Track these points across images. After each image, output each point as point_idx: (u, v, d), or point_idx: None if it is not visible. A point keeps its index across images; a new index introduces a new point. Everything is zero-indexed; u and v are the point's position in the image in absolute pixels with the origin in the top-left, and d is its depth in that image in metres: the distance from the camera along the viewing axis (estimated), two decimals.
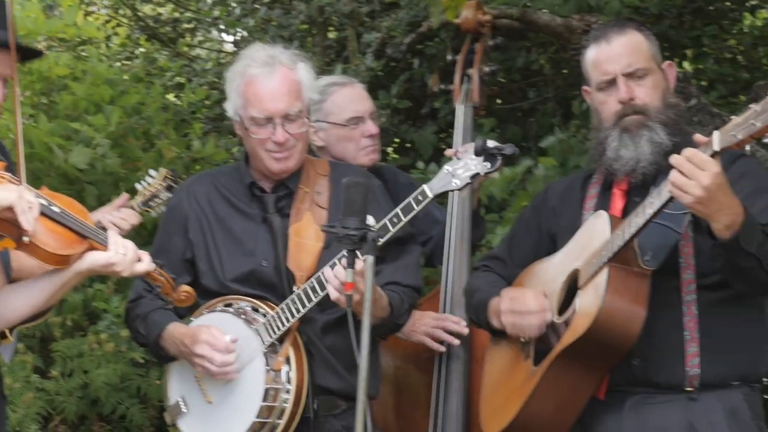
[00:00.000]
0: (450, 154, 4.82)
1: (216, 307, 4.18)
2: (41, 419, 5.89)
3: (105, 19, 9.47)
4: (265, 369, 4.04)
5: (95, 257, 3.69)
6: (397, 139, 7.96)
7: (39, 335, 6.22)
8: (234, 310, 4.14)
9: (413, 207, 3.90)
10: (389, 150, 7.99)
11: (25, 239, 3.49)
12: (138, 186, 4.75)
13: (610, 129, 3.87)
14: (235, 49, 9.13)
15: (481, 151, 3.84)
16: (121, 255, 3.71)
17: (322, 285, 3.97)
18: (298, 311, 4.02)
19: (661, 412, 3.74)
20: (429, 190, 3.90)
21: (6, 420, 3.90)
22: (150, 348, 4.31)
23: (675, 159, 3.42)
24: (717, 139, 3.35)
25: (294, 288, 4.08)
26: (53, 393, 5.95)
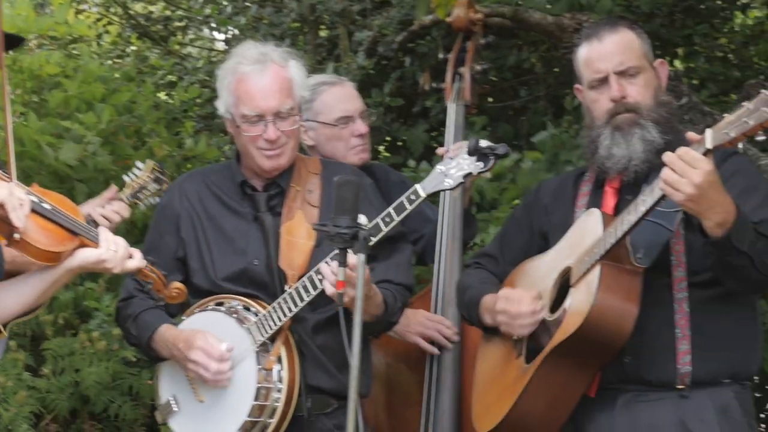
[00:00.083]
0: (441, 152, 4.82)
1: (208, 306, 4.18)
2: (33, 417, 5.87)
3: (96, 17, 9.45)
4: (257, 368, 4.03)
5: (86, 254, 3.68)
6: (389, 138, 7.95)
7: (30, 333, 6.20)
8: (225, 309, 4.13)
9: (405, 206, 3.89)
10: (380, 148, 7.99)
11: (16, 236, 3.49)
12: (126, 178, 4.73)
13: (602, 127, 3.86)
14: (227, 48, 9.13)
15: (474, 151, 3.83)
16: (113, 252, 3.70)
17: (314, 284, 3.97)
18: (289, 310, 4.01)
19: (653, 409, 3.74)
20: (422, 189, 3.89)
21: None
22: (141, 348, 4.30)
23: (667, 157, 3.43)
24: (709, 137, 3.35)
25: (286, 287, 4.07)
26: (44, 391, 5.93)
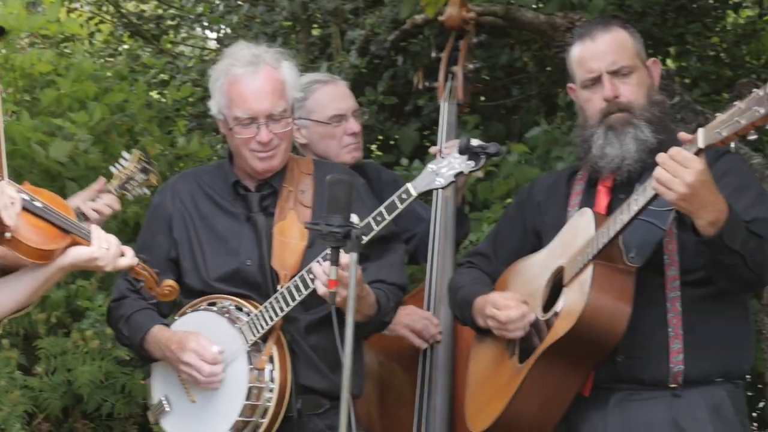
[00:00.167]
0: (433, 151, 4.82)
1: (200, 306, 4.16)
2: (25, 416, 5.87)
3: (88, 16, 9.44)
4: (249, 368, 4.02)
5: (78, 252, 3.68)
6: (381, 137, 7.96)
7: (23, 332, 6.19)
8: (218, 308, 4.12)
9: (397, 205, 3.88)
10: (373, 147, 7.99)
11: (8, 235, 3.48)
12: (113, 169, 4.72)
13: (595, 127, 3.86)
14: (219, 46, 9.12)
15: (465, 150, 3.83)
16: (104, 249, 3.70)
17: (305, 283, 3.96)
18: (281, 310, 4.00)
19: (646, 408, 3.74)
20: (413, 188, 3.89)
21: None
22: (133, 349, 4.30)
23: (660, 156, 3.43)
24: (702, 137, 3.35)
25: (278, 287, 4.06)
26: (37, 390, 5.93)
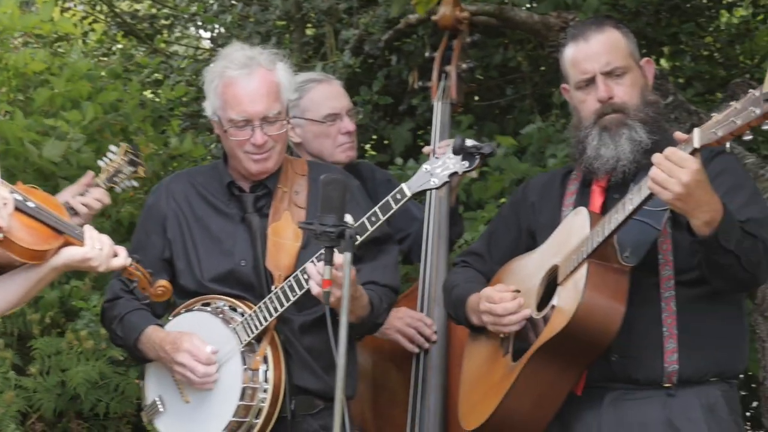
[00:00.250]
0: (427, 151, 4.82)
1: (194, 307, 4.16)
2: (19, 416, 5.86)
3: (81, 15, 9.43)
4: (243, 368, 4.02)
5: (71, 252, 3.67)
6: (375, 136, 7.95)
7: (17, 332, 6.18)
8: (212, 309, 4.12)
9: (391, 206, 3.88)
10: (367, 147, 7.99)
11: (0, 235, 3.47)
12: (100, 163, 4.71)
13: (589, 128, 3.86)
14: (213, 46, 9.11)
15: (460, 150, 3.83)
16: (98, 250, 3.70)
17: (300, 284, 3.96)
18: (276, 310, 4.00)
19: (640, 408, 3.74)
20: (407, 188, 3.89)
21: None
22: (127, 350, 4.29)
23: (655, 157, 3.43)
24: (697, 137, 3.35)
25: (272, 287, 4.06)
26: (31, 390, 5.92)
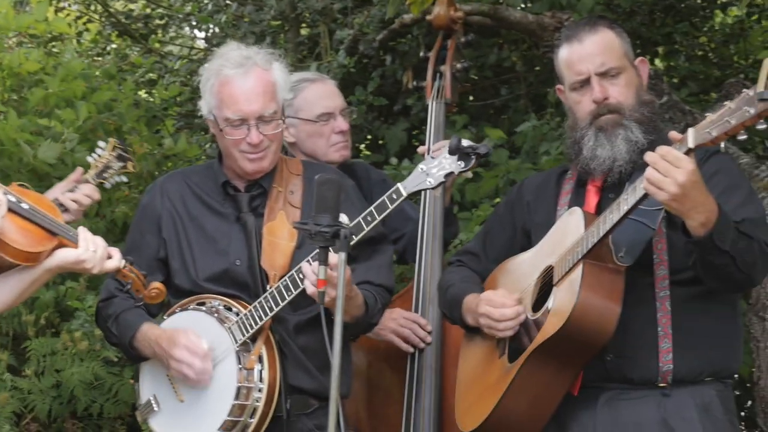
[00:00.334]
0: (422, 151, 4.82)
1: (188, 306, 4.16)
2: (14, 416, 5.85)
3: (76, 15, 9.42)
4: (238, 367, 4.02)
5: (65, 254, 3.67)
6: (370, 136, 7.95)
7: (12, 333, 6.18)
8: (206, 308, 4.12)
9: (387, 206, 3.88)
10: (361, 147, 7.99)
11: None
12: (89, 159, 4.70)
13: (585, 128, 3.86)
14: (207, 45, 9.11)
15: (456, 150, 3.82)
16: (91, 252, 3.69)
17: (295, 283, 3.96)
18: (271, 309, 4.00)
19: (635, 407, 3.74)
20: (403, 188, 3.89)
21: None
22: (123, 349, 4.28)
23: (650, 156, 3.43)
24: (692, 137, 3.35)
25: (267, 287, 4.06)
26: (26, 392, 5.91)
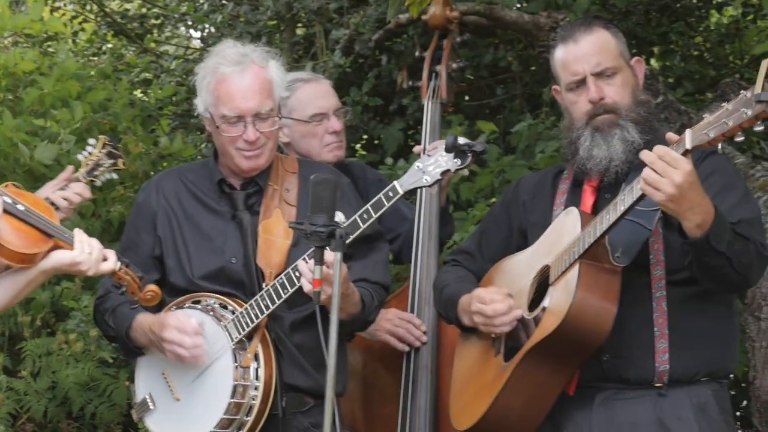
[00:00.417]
0: (418, 150, 4.82)
1: (184, 304, 4.16)
2: (10, 418, 5.85)
3: (71, 15, 9.42)
4: (234, 365, 4.02)
5: (60, 256, 3.67)
6: (365, 136, 7.95)
7: (8, 334, 6.17)
8: (202, 306, 4.12)
9: (384, 203, 3.89)
10: (357, 147, 7.99)
11: None
12: (79, 157, 4.70)
13: (581, 129, 3.86)
14: (203, 45, 9.11)
15: (452, 148, 3.83)
16: (87, 254, 3.69)
17: (291, 281, 3.96)
18: (267, 308, 4.00)
19: (631, 407, 3.74)
20: (400, 186, 3.89)
21: None
22: (120, 342, 4.28)
23: (647, 156, 3.42)
24: (689, 138, 3.35)
25: (263, 285, 4.06)
26: (22, 393, 5.91)
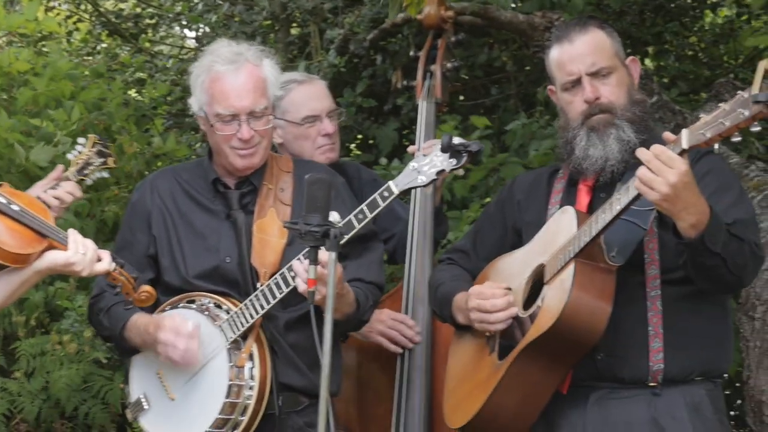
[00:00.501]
0: (412, 150, 4.82)
1: (179, 304, 4.16)
2: (4, 419, 5.85)
3: (66, 15, 9.41)
4: (228, 365, 4.02)
5: (55, 256, 3.67)
6: (360, 136, 7.95)
7: (2, 334, 6.17)
8: (197, 306, 4.12)
9: (379, 203, 3.89)
10: (352, 147, 7.99)
11: None
12: (69, 156, 4.70)
13: (577, 128, 3.86)
14: (197, 45, 9.10)
15: (447, 148, 3.83)
16: (81, 254, 3.69)
17: (286, 281, 3.96)
18: (261, 308, 4.00)
19: (625, 407, 3.74)
20: (395, 186, 3.89)
21: None
22: (114, 341, 4.28)
23: (644, 154, 3.42)
24: (685, 138, 3.35)
25: (258, 284, 4.06)
26: (16, 394, 5.90)
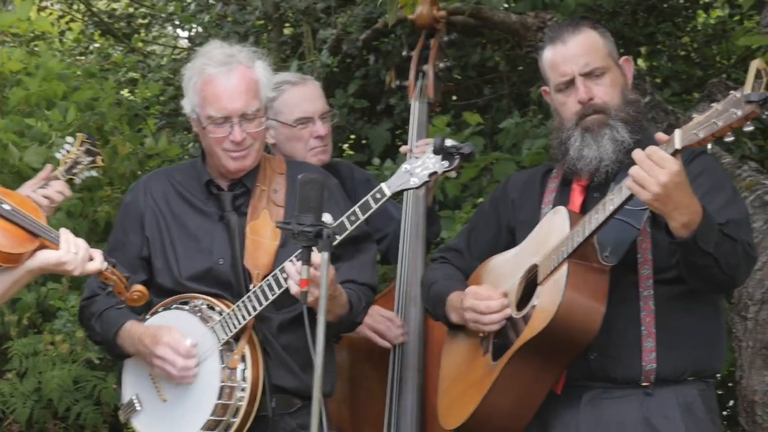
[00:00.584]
0: (405, 150, 4.82)
1: (171, 305, 4.16)
2: None
3: (59, 14, 9.40)
4: (221, 367, 4.02)
5: (46, 256, 3.66)
6: (353, 136, 7.95)
7: None
8: (190, 307, 4.12)
9: (371, 205, 3.88)
10: (344, 147, 7.98)
11: None
12: (58, 155, 4.70)
13: (571, 129, 3.86)
14: (190, 45, 9.10)
15: (439, 150, 3.82)
16: (73, 254, 3.69)
17: (278, 283, 3.96)
18: (254, 309, 4.00)
19: (618, 406, 3.75)
20: (387, 188, 3.88)
21: None
22: (106, 346, 4.27)
23: (638, 154, 3.43)
24: (678, 138, 3.35)
25: (251, 286, 4.06)
26: (8, 395, 5.90)
